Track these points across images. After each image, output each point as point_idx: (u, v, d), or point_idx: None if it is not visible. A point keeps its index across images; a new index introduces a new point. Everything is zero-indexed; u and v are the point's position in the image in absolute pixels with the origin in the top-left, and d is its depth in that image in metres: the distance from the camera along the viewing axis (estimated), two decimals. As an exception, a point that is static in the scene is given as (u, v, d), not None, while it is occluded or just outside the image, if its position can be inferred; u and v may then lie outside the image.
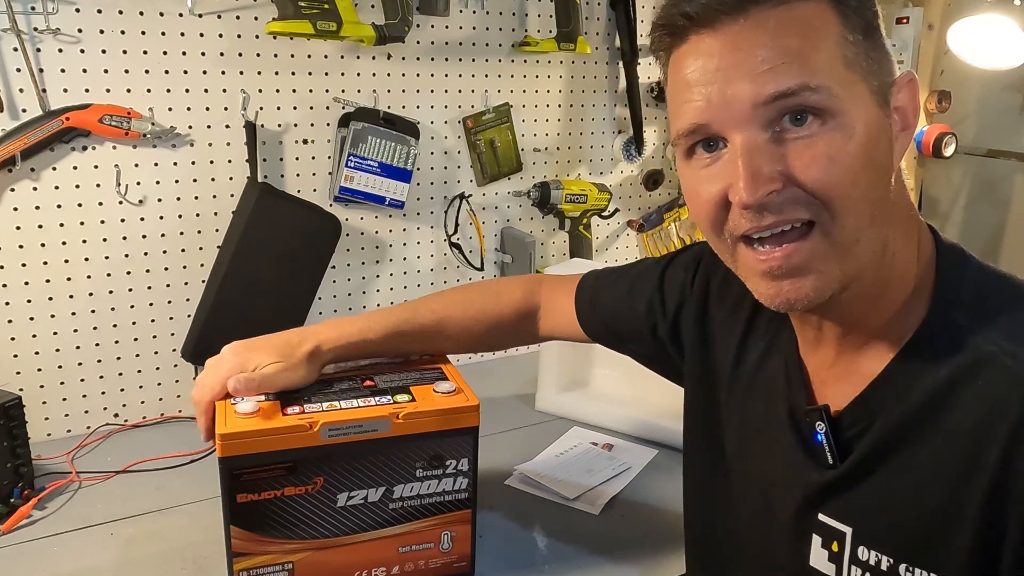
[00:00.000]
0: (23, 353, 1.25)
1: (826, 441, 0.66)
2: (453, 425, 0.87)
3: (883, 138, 0.60)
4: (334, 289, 1.50)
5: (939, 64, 1.94)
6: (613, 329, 0.97)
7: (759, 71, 0.57)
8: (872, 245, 0.60)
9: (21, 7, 1.15)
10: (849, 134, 0.57)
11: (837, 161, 0.57)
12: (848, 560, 0.65)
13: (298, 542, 0.85)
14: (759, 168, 0.57)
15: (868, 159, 0.58)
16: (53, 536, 1.01)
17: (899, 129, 0.61)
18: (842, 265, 0.59)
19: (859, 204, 0.58)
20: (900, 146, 0.62)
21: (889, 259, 0.62)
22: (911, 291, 0.63)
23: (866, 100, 0.59)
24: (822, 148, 0.57)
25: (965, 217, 2.26)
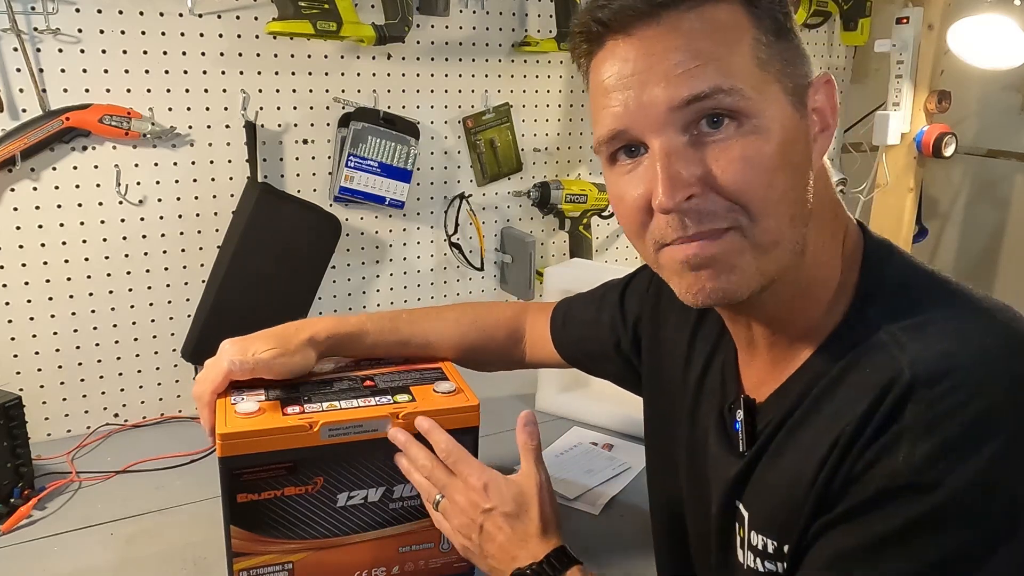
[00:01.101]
0: (23, 353, 1.25)
1: (742, 429, 0.68)
2: (453, 425, 0.87)
3: (800, 139, 0.60)
4: (334, 289, 1.50)
5: (939, 64, 1.93)
6: (584, 350, 1.01)
7: (673, 75, 0.57)
8: (792, 246, 0.60)
9: (21, 7, 1.15)
10: (765, 136, 0.57)
11: (753, 163, 0.57)
12: (746, 546, 0.66)
13: (298, 542, 0.85)
14: (677, 172, 0.57)
15: (785, 160, 0.58)
16: (53, 536, 1.01)
17: (818, 130, 0.62)
18: (760, 264, 0.59)
19: (777, 206, 0.58)
20: (820, 146, 0.62)
21: (811, 259, 0.62)
22: (836, 289, 0.64)
23: (781, 101, 0.59)
24: (738, 151, 0.57)
25: (965, 217, 2.26)
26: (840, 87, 2.06)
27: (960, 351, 0.55)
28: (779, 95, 0.59)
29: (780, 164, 0.58)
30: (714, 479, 0.72)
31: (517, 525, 0.78)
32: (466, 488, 0.80)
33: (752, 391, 0.70)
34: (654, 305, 0.88)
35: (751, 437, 0.67)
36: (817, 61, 2.00)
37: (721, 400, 0.73)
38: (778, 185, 0.58)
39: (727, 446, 0.70)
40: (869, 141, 2.03)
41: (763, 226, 0.58)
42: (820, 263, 0.63)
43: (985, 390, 0.52)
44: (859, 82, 2.11)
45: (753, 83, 0.57)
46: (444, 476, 0.82)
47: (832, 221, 0.64)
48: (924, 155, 1.96)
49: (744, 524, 0.66)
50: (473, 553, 0.80)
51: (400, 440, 0.84)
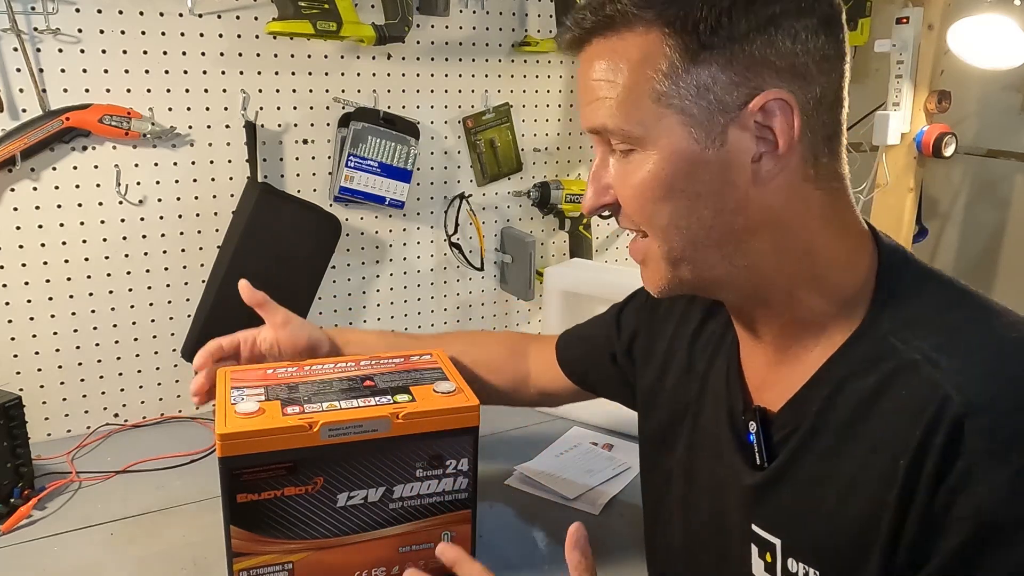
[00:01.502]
0: (23, 353, 1.25)
1: (757, 441, 0.67)
2: (453, 425, 0.87)
3: (701, 166, 0.59)
4: (334, 289, 1.50)
5: (939, 64, 1.93)
6: (586, 365, 1.01)
7: (583, 104, 0.64)
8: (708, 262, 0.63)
9: (21, 7, 1.15)
10: (649, 168, 0.61)
11: (637, 192, 0.62)
12: (780, 572, 0.64)
13: (298, 542, 0.85)
14: (598, 181, 0.65)
15: (670, 191, 0.61)
16: (53, 536, 1.01)
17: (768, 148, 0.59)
18: (673, 271, 0.64)
19: (667, 230, 0.62)
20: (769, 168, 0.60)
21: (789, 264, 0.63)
22: (848, 298, 0.63)
23: (676, 133, 0.59)
24: (626, 178, 0.63)
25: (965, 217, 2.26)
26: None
27: (1001, 370, 0.54)
28: (673, 127, 0.59)
29: (665, 194, 0.61)
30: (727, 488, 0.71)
31: None
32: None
33: (758, 391, 0.70)
34: (650, 318, 0.88)
35: (772, 451, 0.66)
36: (817, 61, 2.00)
37: (729, 406, 0.72)
38: (662, 213, 0.62)
39: (741, 457, 0.68)
40: (869, 141, 2.02)
41: (658, 244, 0.64)
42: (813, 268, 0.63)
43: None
44: (859, 82, 2.11)
45: (641, 118, 0.60)
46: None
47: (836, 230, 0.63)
48: (924, 155, 1.96)
49: (775, 551, 0.65)
50: None
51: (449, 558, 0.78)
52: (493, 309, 1.68)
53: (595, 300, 1.40)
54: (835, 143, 0.63)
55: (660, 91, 0.59)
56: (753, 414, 0.68)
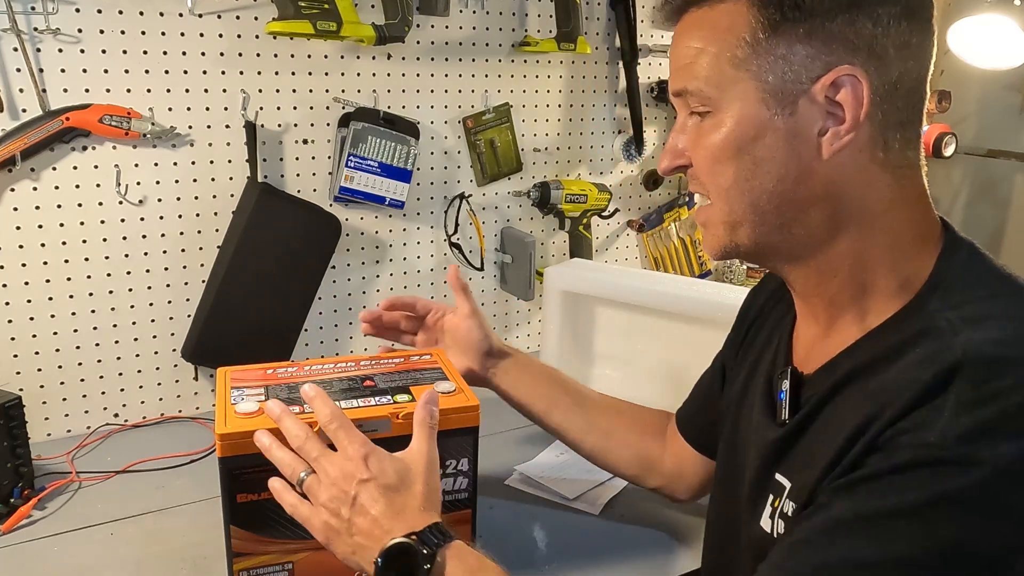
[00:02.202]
0: (23, 353, 1.25)
1: (786, 398, 0.69)
2: (453, 425, 0.87)
3: (767, 133, 0.63)
4: (334, 289, 1.50)
5: (939, 64, 1.93)
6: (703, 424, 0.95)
7: (672, 70, 0.68)
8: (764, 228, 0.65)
9: (21, 7, 1.15)
10: (719, 130, 0.64)
11: (705, 153, 0.66)
12: (779, 515, 0.67)
13: (298, 542, 0.85)
14: (674, 144, 0.69)
15: (737, 152, 0.64)
16: (53, 536, 1.01)
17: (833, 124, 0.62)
18: (731, 236, 0.67)
19: (728, 192, 0.66)
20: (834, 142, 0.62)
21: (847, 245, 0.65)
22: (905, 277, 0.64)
23: (749, 98, 0.63)
24: (698, 139, 0.67)
25: (965, 217, 2.26)
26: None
27: (1015, 343, 0.55)
28: (748, 93, 0.63)
29: (730, 156, 0.64)
30: (752, 445, 0.73)
31: (396, 498, 0.71)
32: (343, 459, 0.73)
33: (801, 362, 0.72)
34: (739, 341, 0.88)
35: (795, 408, 0.68)
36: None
37: (771, 369, 0.75)
38: (727, 174, 0.65)
39: (770, 414, 0.72)
40: (869, 141, 2.02)
41: (718, 207, 0.67)
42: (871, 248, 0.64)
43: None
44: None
45: (718, 82, 0.64)
46: (318, 448, 0.74)
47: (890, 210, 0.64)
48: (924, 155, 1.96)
49: (783, 494, 0.66)
50: (338, 532, 0.71)
51: (274, 413, 0.78)
52: (493, 309, 1.68)
53: (595, 300, 1.40)
54: (910, 131, 0.64)
55: (740, 57, 0.62)
56: (786, 373, 0.71)
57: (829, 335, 0.69)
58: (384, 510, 0.70)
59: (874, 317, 0.65)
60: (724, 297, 1.23)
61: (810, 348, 0.71)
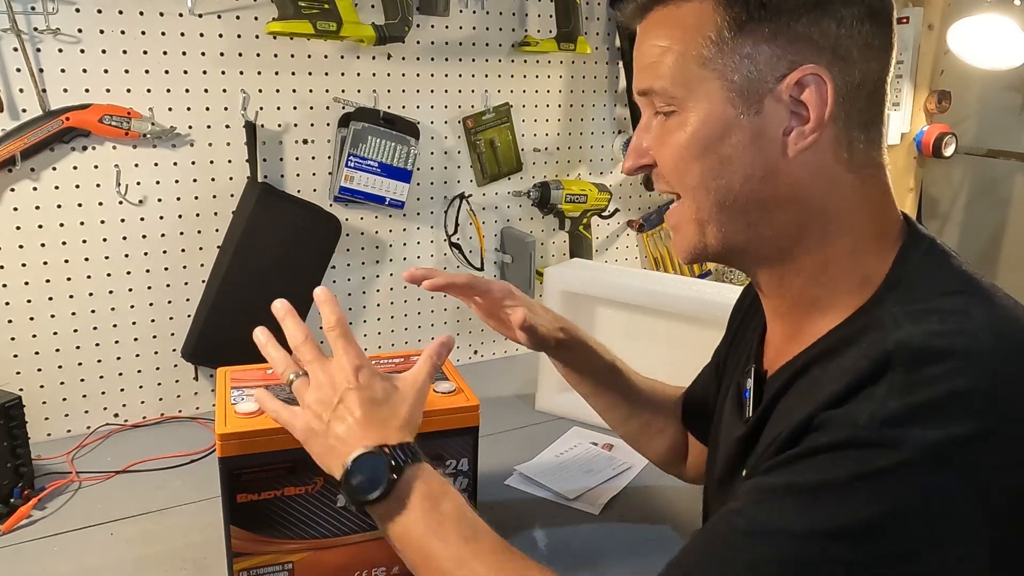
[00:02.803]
0: (23, 353, 1.25)
1: (751, 397, 0.71)
2: (453, 425, 0.87)
3: (735, 132, 0.62)
4: (334, 289, 1.50)
5: (939, 64, 1.94)
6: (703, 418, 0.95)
7: (637, 69, 0.68)
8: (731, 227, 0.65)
9: (21, 7, 1.15)
10: (685, 129, 0.64)
11: (669, 150, 0.66)
12: None
13: (298, 542, 0.85)
14: (638, 143, 0.69)
15: (703, 151, 0.64)
16: (53, 536, 1.01)
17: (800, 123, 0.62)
18: (699, 235, 0.67)
19: (696, 191, 0.65)
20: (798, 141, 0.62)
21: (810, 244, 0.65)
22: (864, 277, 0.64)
23: (715, 97, 0.63)
24: (663, 139, 0.66)
25: (965, 217, 2.26)
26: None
27: (953, 337, 0.55)
28: (714, 92, 0.63)
29: (698, 154, 0.64)
30: (724, 445, 0.75)
31: (376, 412, 0.71)
32: (335, 366, 0.74)
33: (769, 363, 0.73)
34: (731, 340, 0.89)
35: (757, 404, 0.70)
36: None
37: (741, 372, 0.77)
38: (694, 173, 0.65)
39: (738, 413, 0.73)
40: (869, 141, 2.03)
41: (687, 204, 0.67)
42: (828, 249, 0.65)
43: (967, 376, 0.52)
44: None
45: (685, 80, 0.64)
46: (313, 352, 0.75)
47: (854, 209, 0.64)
48: (924, 155, 1.96)
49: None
50: (316, 433, 0.71)
51: (279, 312, 0.78)
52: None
53: (595, 300, 1.40)
54: (873, 132, 0.64)
55: (705, 56, 0.62)
56: (750, 372, 0.72)
57: (795, 335, 0.69)
58: (361, 419, 0.70)
59: (835, 316, 0.65)
60: (724, 297, 1.23)
61: (778, 349, 0.72)
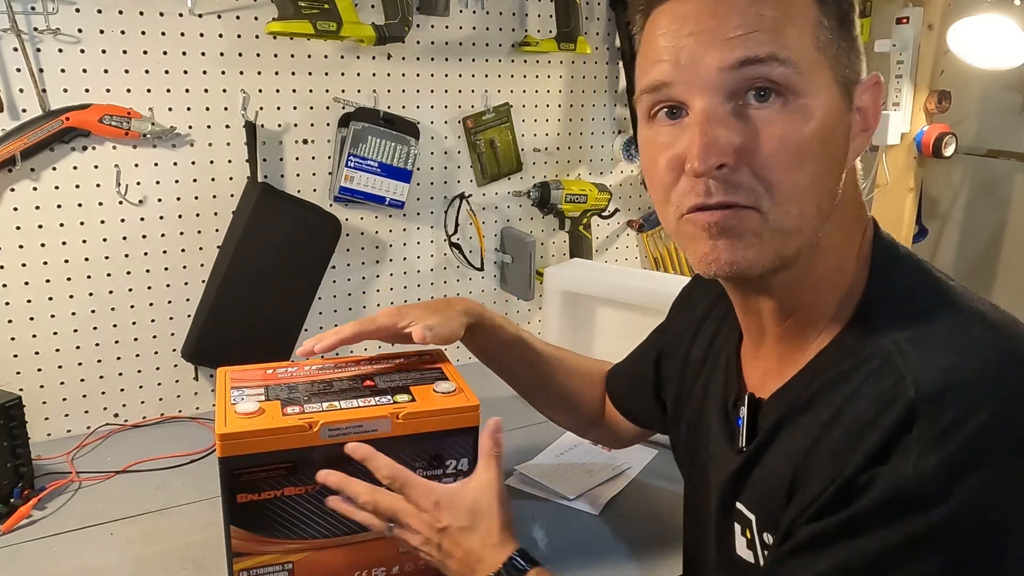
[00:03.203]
0: (23, 353, 1.25)
1: (744, 426, 0.68)
2: (453, 425, 0.87)
3: (841, 130, 0.59)
4: (334, 289, 1.50)
5: (939, 64, 1.93)
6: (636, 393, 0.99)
7: (730, 36, 0.56)
8: (810, 235, 0.59)
9: (21, 7, 1.15)
10: (808, 118, 0.57)
11: (791, 144, 0.56)
12: (760, 546, 0.66)
13: (298, 542, 0.85)
14: (715, 137, 0.56)
15: (823, 146, 0.57)
16: (53, 536, 1.01)
17: (859, 129, 0.61)
18: (777, 246, 0.59)
19: (804, 192, 0.58)
20: (857, 145, 0.61)
21: (829, 254, 0.62)
22: (846, 289, 0.63)
23: (830, 88, 0.58)
24: (780, 128, 0.56)
25: (965, 217, 2.26)
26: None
27: (961, 365, 0.54)
28: (830, 82, 0.58)
29: (817, 151, 0.57)
30: (713, 475, 0.72)
31: (474, 538, 0.77)
32: (417, 511, 0.78)
33: (757, 386, 0.70)
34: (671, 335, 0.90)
35: (752, 435, 0.67)
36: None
37: (724, 396, 0.73)
38: (810, 171, 0.57)
39: (729, 441, 0.70)
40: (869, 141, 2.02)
41: (785, 210, 0.57)
42: (834, 260, 0.63)
43: (984, 406, 0.52)
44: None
45: (807, 61, 0.56)
46: (390, 503, 0.79)
47: (852, 221, 0.64)
48: (924, 155, 1.96)
49: (752, 527, 0.66)
50: (440, 563, 0.79)
51: (333, 481, 0.81)
52: (493, 309, 1.68)
53: (595, 300, 1.40)
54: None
55: (822, 40, 0.57)
56: (742, 400, 0.69)
57: (780, 356, 0.67)
58: (468, 550, 0.76)
59: (822, 334, 0.64)
60: (724, 297, 1.23)
61: (763, 371, 0.70)
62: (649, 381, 0.95)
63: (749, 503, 0.67)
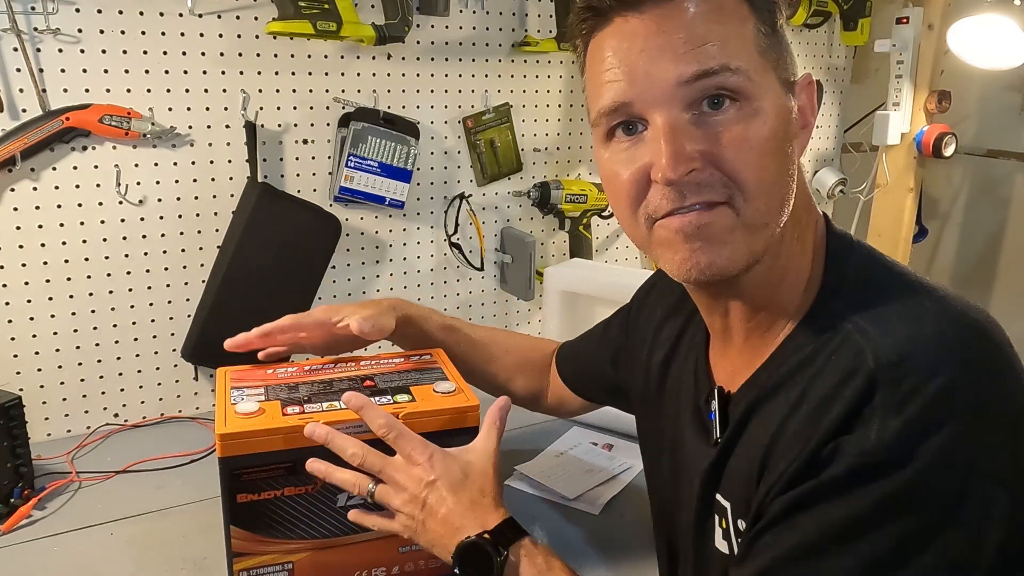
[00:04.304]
0: (23, 353, 1.25)
1: (716, 419, 0.70)
2: (453, 425, 0.87)
3: (790, 128, 0.62)
4: (334, 289, 1.50)
5: (939, 64, 1.93)
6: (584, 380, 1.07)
7: (682, 51, 0.58)
8: (776, 229, 0.62)
9: (21, 7, 1.15)
10: (763, 119, 0.60)
11: (752, 144, 0.59)
12: (733, 535, 0.67)
13: (298, 542, 0.85)
14: (681, 146, 0.59)
15: (779, 146, 0.61)
16: (53, 536, 1.01)
17: (800, 126, 0.64)
18: (749, 242, 0.61)
19: (770, 188, 0.61)
20: (800, 142, 0.65)
21: (787, 248, 0.65)
22: (805, 280, 0.66)
23: (776, 89, 0.61)
24: (739, 131, 0.59)
25: (965, 217, 2.26)
26: (840, 87, 2.07)
27: (918, 335, 0.57)
28: (775, 84, 0.62)
29: (775, 148, 0.60)
30: (692, 470, 0.74)
31: (463, 494, 0.75)
32: (408, 464, 0.77)
33: (726, 381, 0.72)
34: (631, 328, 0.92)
35: (724, 426, 0.69)
36: (817, 61, 2.00)
37: (696, 396, 0.75)
38: (771, 168, 0.60)
39: (703, 436, 0.72)
40: (869, 141, 2.03)
41: (755, 206, 0.60)
42: (793, 253, 0.66)
43: (940, 370, 0.54)
44: (859, 82, 2.11)
45: (755, 67, 0.60)
46: (380, 459, 0.78)
47: (805, 214, 0.67)
48: (924, 155, 1.96)
49: (727, 515, 0.67)
50: (416, 531, 0.76)
51: (320, 435, 0.79)
52: (493, 309, 1.68)
53: (595, 300, 1.40)
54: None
55: (763, 46, 0.61)
56: (712, 394, 0.71)
57: (748, 351, 0.69)
58: (453, 507, 0.75)
59: (785, 324, 0.66)
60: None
61: (731, 366, 0.72)
62: (607, 377, 0.99)
63: (725, 492, 0.68)
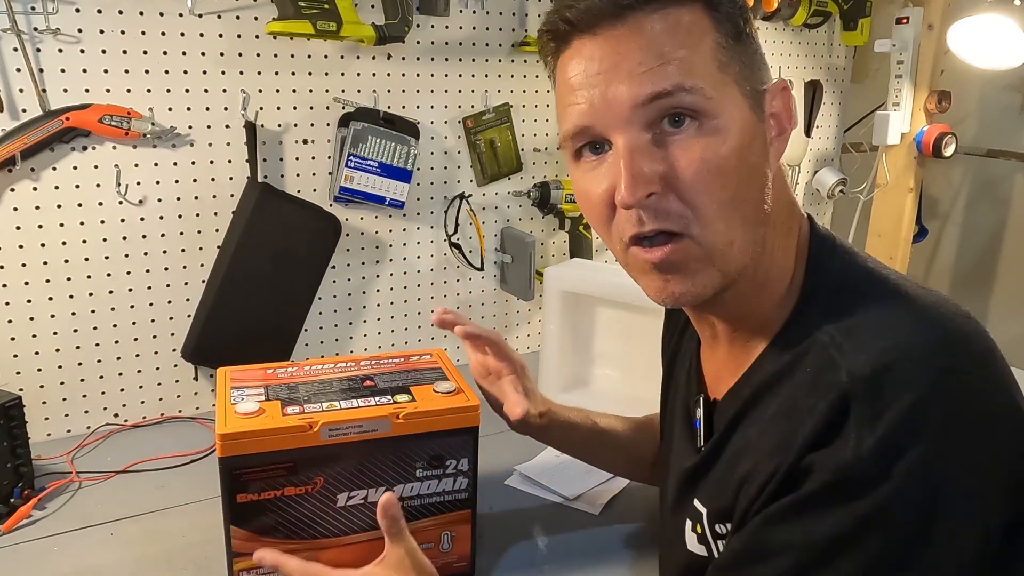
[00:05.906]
0: (23, 353, 1.25)
1: (702, 425, 0.71)
2: (453, 425, 0.87)
3: (757, 141, 0.62)
4: (334, 289, 1.50)
5: (939, 64, 1.93)
6: None
7: (637, 73, 0.59)
8: (747, 245, 0.62)
9: (21, 7, 1.15)
10: (723, 137, 0.59)
11: (711, 164, 0.59)
12: (712, 538, 0.68)
13: (298, 542, 0.85)
14: (640, 169, 0.59)
15: (741, 161, 0.60)
16: (53, 536, 1.01)
17: (775, 134, 0.64)
18: (719, 266, 0.61)
19: (728, 207, 0.60)
20: (776, 150, 0.64)
21: (768, 257, 0.65)
22: (787, 286, 0.66)
23: (739, 103, 0.61)
24: (697, 151, 0.59)
25: (965, 217, 2.26)
26: (840, 87, 2.07)
27: (891, 349, 0.56)
28: (737, 97, 0.61)
29: (736, 165, 0.60)
30: (675, 468, 0.75)
31: None
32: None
33: (712, 386, 0.73)
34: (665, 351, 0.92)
35: (709, 434, 0.70)
36: (817, 61, 2.00)
37: (687, 396, 0.76)
38: (731, 186, 0.60)
39: (689, 441, 0.73)
40: (869, 141, 2.03)
41: (714, 228, 0.60)
42: (776, 261, 0.66)
43: (915, 384, 0.54)
44: (859, 82, 2.11)
45: (713, 84, 0.59)
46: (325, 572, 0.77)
47: (787, 219, 0.67)
48: (924, 155, 1.96)
49: (703, 520, 0.68)
50: None
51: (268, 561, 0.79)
52: (493, 309, 1.68)
53: (595, 300, 1.40)
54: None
55: (723, 60, 0.60)
56: (698, 401, 0.72)
57: (731, 357, 0.70)
58: None
59: (766, 332, 0.66)
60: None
61: (717, 373, 0.72)
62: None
63: (702, 498, 0.69)
